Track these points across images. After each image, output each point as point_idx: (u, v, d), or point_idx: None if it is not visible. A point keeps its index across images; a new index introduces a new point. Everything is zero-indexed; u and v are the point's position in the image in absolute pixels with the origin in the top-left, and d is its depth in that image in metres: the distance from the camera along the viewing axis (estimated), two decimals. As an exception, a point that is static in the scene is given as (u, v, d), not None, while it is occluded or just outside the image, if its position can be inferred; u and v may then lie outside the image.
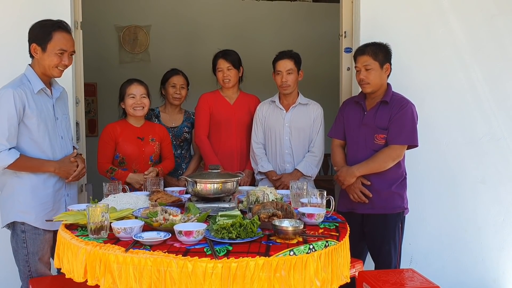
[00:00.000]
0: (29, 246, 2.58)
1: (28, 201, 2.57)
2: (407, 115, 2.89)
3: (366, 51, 2.93)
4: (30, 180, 2.57)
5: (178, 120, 3.71)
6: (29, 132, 2.54)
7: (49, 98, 2.66)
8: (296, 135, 3.35)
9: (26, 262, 2.60)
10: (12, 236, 2.63)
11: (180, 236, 1.84)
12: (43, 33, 2.53)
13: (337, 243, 1.94)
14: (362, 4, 3.42)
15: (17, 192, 2.57)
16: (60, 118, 2.71)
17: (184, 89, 3.69)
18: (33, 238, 2.58)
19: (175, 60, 6.30)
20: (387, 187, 2.93)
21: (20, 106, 2.47)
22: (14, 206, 2.58)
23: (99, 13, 6.17)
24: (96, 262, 1.80)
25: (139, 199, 2.47)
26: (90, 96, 6.26)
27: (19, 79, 2.58)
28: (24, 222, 2.57)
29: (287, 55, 3.32)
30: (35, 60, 2.60)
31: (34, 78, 2.58)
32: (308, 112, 3.38)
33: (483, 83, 3.59)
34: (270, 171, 3.34)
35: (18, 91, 2.47)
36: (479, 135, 3.61)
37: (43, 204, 2.60)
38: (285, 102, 3.40)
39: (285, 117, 3.36)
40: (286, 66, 3.28)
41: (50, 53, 2.54)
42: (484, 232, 3.66)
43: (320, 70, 6.29)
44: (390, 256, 2.95)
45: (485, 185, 3.63)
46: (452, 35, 3.54)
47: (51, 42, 2.53)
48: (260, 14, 6.95)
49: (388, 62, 2.95)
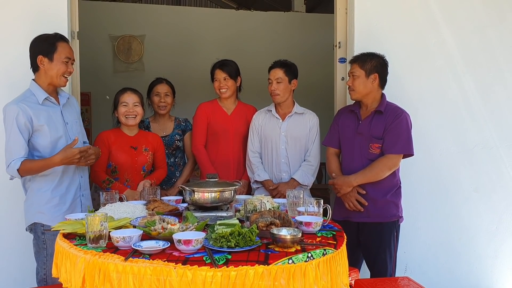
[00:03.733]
0: (48, 248, 2.68)
1: (45, 202, 2.72)
2: (402, 124, 2.93)
3: (357, 60, 3.01)
4: (45, 183, 2.72)
5: (168, 129, 3.68)
6: (46, 139, 2.68)
7: (56, 106, 2.79)
8: (292, 144, 3.37)
9: (44, 263, 2.71)
10: (34, 238, 2.75)
11: (179, 245, 1.84)
12: (48, 45, 2.68)
13: (335, 251, 1.96)
14: (356, 15, 3.47)
15: (34, 195, 2.74)
16: (70, 123, 2.83)
17: (169, 97, 3.65)
18: (52, 239, 2.57)
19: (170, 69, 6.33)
20: (382, 195, 2.96)
21: (25, 120, 2.61)
22: (32, 208, 2.74)
23: (94, 23, 6.17)
24: (95, 271, 1.80)
25: (136, 208, 2.47)
26: (84, 106, 6.26)
27: (22, 94, 2.72)
28: (43, 223, 2.69)
29: (278, 64, 3.36)
30: (40, 72, 2.72)
31: (38, 90, 2.71)
32: (304, 121, 3.40)
33: (475, 92, 3.64)
34: (267, 180, 3.35)
35: (21, 106, 2.61)
36: (472, 144, 3.65)
37: (59, 205, 2.74)
38: (281, 111, 3.42)
39: (281, 126, 3.39)
40: (276, 74, 3.32)
41: (57, 62, 2.69)
42: (478, 240, 3.69)
43: (315, 80, 6.34)
44: (386, 264, 2.97)
45: (478, 194, 3.67)
46: (445, 46, 3.59)
47: (57, 52, 2.69)
48: (255, 24, 7.01)
49: (377, 73, 2.97)
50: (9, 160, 2.61)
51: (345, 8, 3.57)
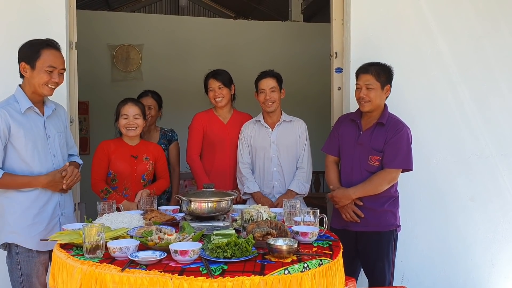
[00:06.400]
0: (22, 268, 2.55)
1: (18, 221, 2.53)
2: (403, 139, 2.93)
3: (370, 70, 2.95)
4: (19, 200, 2.53)
5: (154, 139, 3.73)
6: (17, 152, 2.51)
7: (39, 117, 2.61)
8: (283, 152, 3.38)
9: (20, 284, 2.57)
10: (7, 256, 2.61)
11: (175, 255, 1.85)
12: (32, 51, 2.51)
13: (331, 261, 1.97)
14: (352, 25, 3.49)
15: (7, 212, 2.54)
16: (52, 136, 2.65)
17: (153, 109, 3.71)
18: (27, 260, 2.56)
19: (167, 78, 6.37)
20: (380, 205, 2.96)
21: (4, 127, 2.45)
22: (4, 227, 2.55)
23: (92, 32, 6.22)
24: (92, 281, 1.80)
25: (133, 218, 2.47)
26: (82, 114, 6.27)
27: (6, 100, 2.56)
28: (17, 244, 2.54)
29: (269, 74, 3.41)
30: (25, 79, 2.57)
31: (22, 97, 2.54)
32: (293, 129, 3.43)
33: (471, 102, 3.66)
34: (256, 192, 3.35)
35: (1, 112, 2.46)
36: (468, 153, 3.67)
37: (34, 224, 2.56)
38: (269, 120, 3.44)
39: (271, 135, 3.40)
40: (269, 84, 3.35)
41: (39, 71, 2.50)
42: (475, 249, 3.70)
43: (311, 89, 6.38)
44: (384, 274, 2.97)
45: (474, 203, 3.68)
46: (440, 56, 3.62)
47: (40, 59, 2.50)
48: (252, 33, 7.05)
49: (389, 84, 2.98)
50: None
51: (341, 19, 3.59)
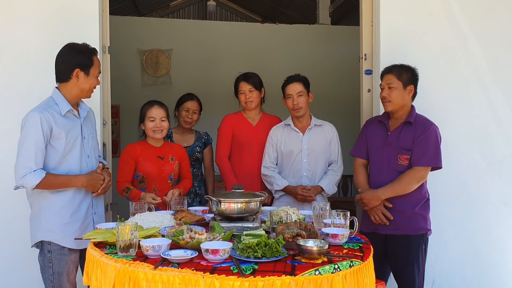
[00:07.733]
0: (54, 266, 2.62)
1: (55, 220, 2.62)
2: (431, 136, 2.91)
3: (392, 70, 2.98)
4: (55, 200, 2.62)
5: (190, 140, 3.85)
6: (57, 153, 2.60)
7: (77, 119, 2.72)
8: (313, 157, 3.38)
9: (51, 281, 2.64)
10: (39, 254, 2.68)
11: (206, 254, 1.88)
12: (86, 59, 2.65)
13: (362, 263, 1.96)
14: (382, 27, 3.48)
15: (43, 211, 2.62)
16: (87, 137, 2.76)
17: (196, 114, 3.86)
18: (59, 258, 2.63)
19: (196, 83, 6.44)
20: (410, 208, 2.93)
21: (47, 129, 2.54)
22: (40, 226, 2.63)
23: (123, 37, 6.33)
24: (125, 279, 1.84)
25: (164, 218, 2.52)
26: (113, 118, 6.35)
27: (46, 102, 2.65)
28: (50, 241, 2.61)
29: (295, 78, 3.41)
30: (70, 83, 2.65)
31: (62, 100, 2.64)
32: (323, 133, 3.43)
33: (504, 104, 3.60)
34: (286, 186, 3.33)
35: (45, 114, 2.55)
36: (500, 157, 3.59)
37: (70, 223, 2.64)
38: (299, 124, 3.43)
39: (302, 139, 3.40)
40: (296, 89, 3.36)
41: (92, 77, 2.67)
42: (508, 255, 3.62)
43: (341, 92, 6.35)
44: (414, 278, 2.93)
45: (507, 207, 3.60)
46: (472, 58, 3.57)
47: (93, 66, 2.67)
48: (280, 37, 7.06)
49: (412, 84, 2.97)
50: (27, 169, 2.49)
51: (371, 21, 3.58)
